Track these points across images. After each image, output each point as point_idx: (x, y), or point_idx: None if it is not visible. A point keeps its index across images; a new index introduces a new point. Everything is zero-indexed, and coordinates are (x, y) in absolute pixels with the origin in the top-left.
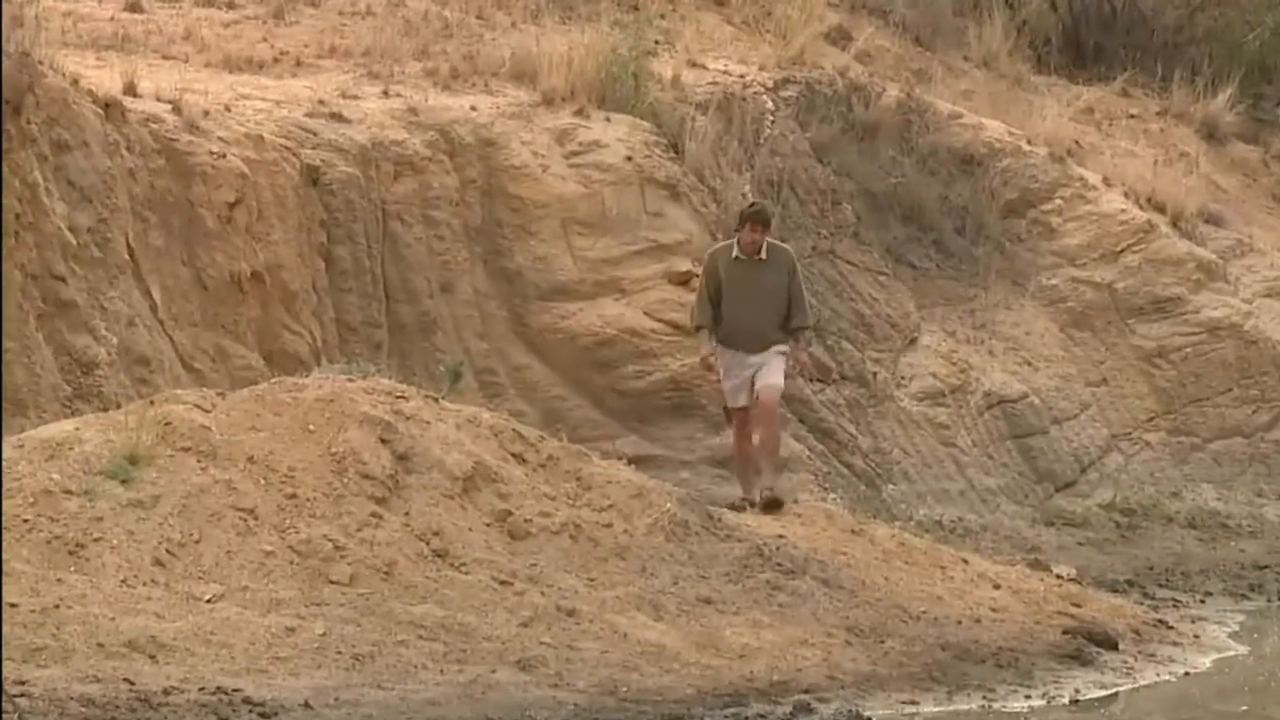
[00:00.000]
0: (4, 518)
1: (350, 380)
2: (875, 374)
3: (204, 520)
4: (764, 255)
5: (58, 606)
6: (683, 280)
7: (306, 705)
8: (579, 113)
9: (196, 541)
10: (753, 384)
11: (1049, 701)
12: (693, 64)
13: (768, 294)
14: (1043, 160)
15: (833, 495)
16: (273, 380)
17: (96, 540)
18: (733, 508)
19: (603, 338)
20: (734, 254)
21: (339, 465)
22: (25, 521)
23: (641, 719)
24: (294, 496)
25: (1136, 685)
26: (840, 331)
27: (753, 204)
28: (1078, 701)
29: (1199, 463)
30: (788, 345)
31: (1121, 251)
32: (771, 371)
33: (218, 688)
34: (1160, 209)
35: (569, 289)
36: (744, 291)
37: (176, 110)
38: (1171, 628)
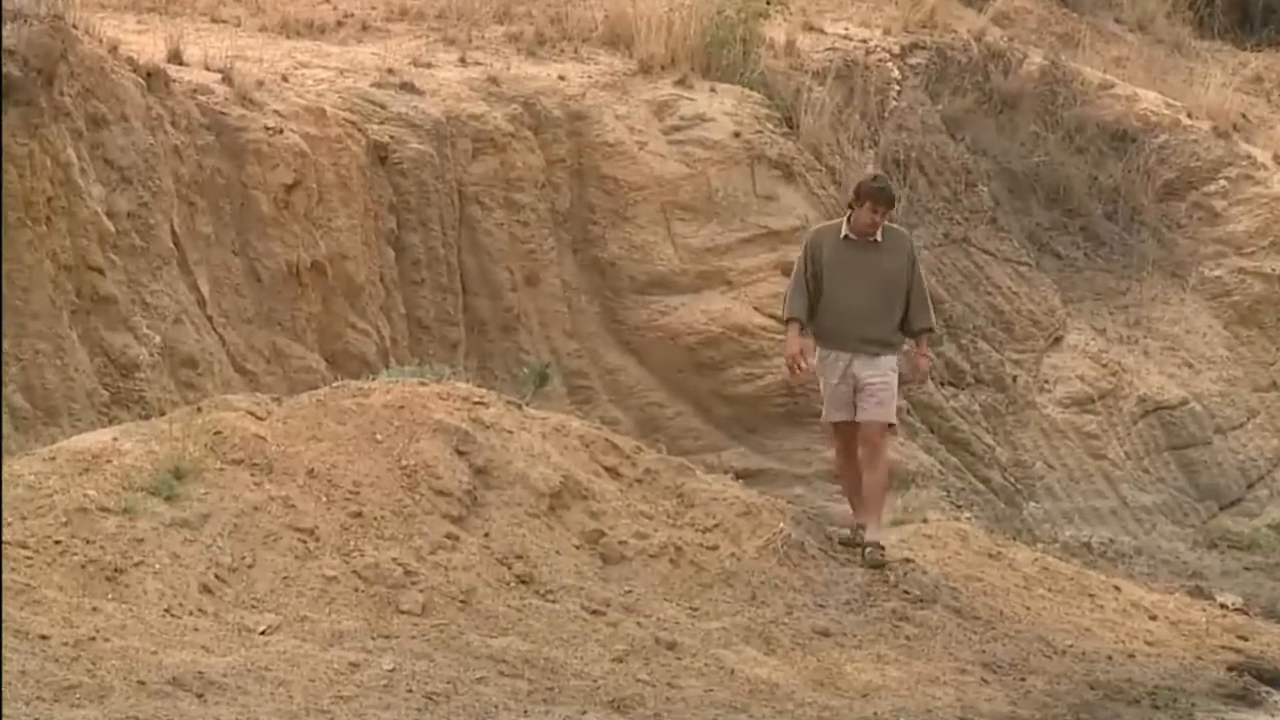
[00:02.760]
0: (35, 539)
1: (423, 384)
2: (1015, 377)
3: (258, 542)
4: (879, 237)
5: (94, 639)
6: None
7: None
8: (680, 82)
9: (249, 566)
10: (854, 400)
11: None
12: (809, 27)
13: (882, 283)
14: (1205, 136)
15: (967, 514)
16: (335, 384)
17: (137, 564)
18: (845, 543)
19: (707, 336)
20: (843, 233)
21: (410, 480)
22: (58, 543)
23: None
24: (359, 515)
25: None
26: (976, 330)
27: (876, 177)
28: None
29: None
30: (900, 354)
31: None
32: (879, 398)
33: None
34: None
35: (669, 281)
36: (852, 278)
37: (227, 80)
38: None
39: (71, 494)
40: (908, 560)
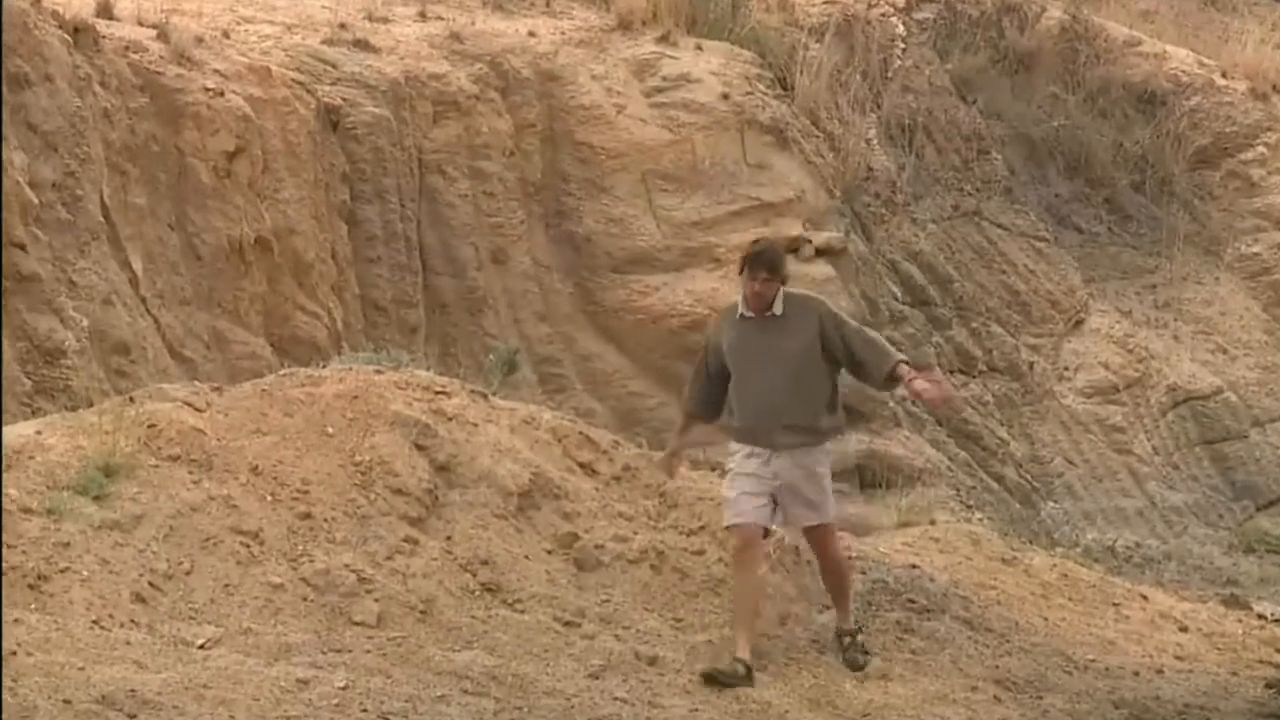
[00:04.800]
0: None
1: (378, 372)
2: (1032, 364)
3: (196, 546)
4: (777, 311)
5: (14, 653)
6: (792, 248)
7: None
8: (663, 39)
9: (187, 572)
10: (773, 506)
11: None
12: None
13: (790, 364)
14: (1241, 98)
15: (979, 514)
16: (282, 372)
17: (63, 571)
18: (710, 677)
19: (692, 319)
20: (739, 312)
21: (364, 478)
22: None
23: None
24: (308, 517)
25: None
26: (989, 312)
27: (756, 240)
28: None
29: None
30: (824, 449)
31: None
32: (814, 507)
33: None
34: None
35: (650, 258)
36: (755, 364)
37: (162, 37)
38: None
39: None
40: (913, 567)
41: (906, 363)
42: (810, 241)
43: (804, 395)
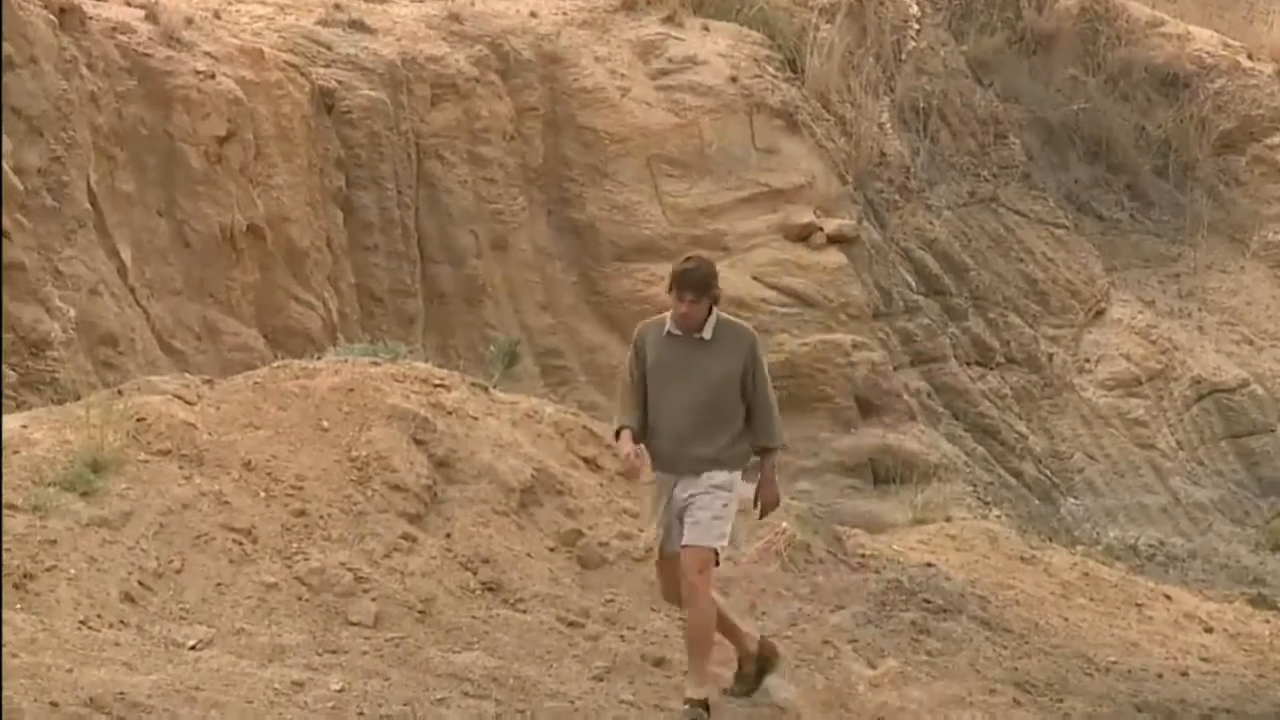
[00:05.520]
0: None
1: (375, 364)
2: (1051, 356)
3: (187, 544)
4: (706, 334)
5: None
6: (803, 236)
7: None
8: (669, 20)
9: (178, 571)
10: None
11: None
12: None
13: (707, 391)
14: (1268, 80)
15: (996, 511)
16: (275, 364)
17: (49, 569)
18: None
19: None
20: (666, 328)
21: (361, 474)
22: None
23: None
24: (303, 514)
25: None
26: (1006, 301)
27: (688, 258)
28: None
29: None
30: (729, 473)
31: None
32: (696, 518)
33: None
34: None
35: (656, 246)
36: (673, 384)
37: (151, 18)
38: None
39: None
40: (929, 565)
41: (774, 449)
42: (821, 229)
43: (715, 423)
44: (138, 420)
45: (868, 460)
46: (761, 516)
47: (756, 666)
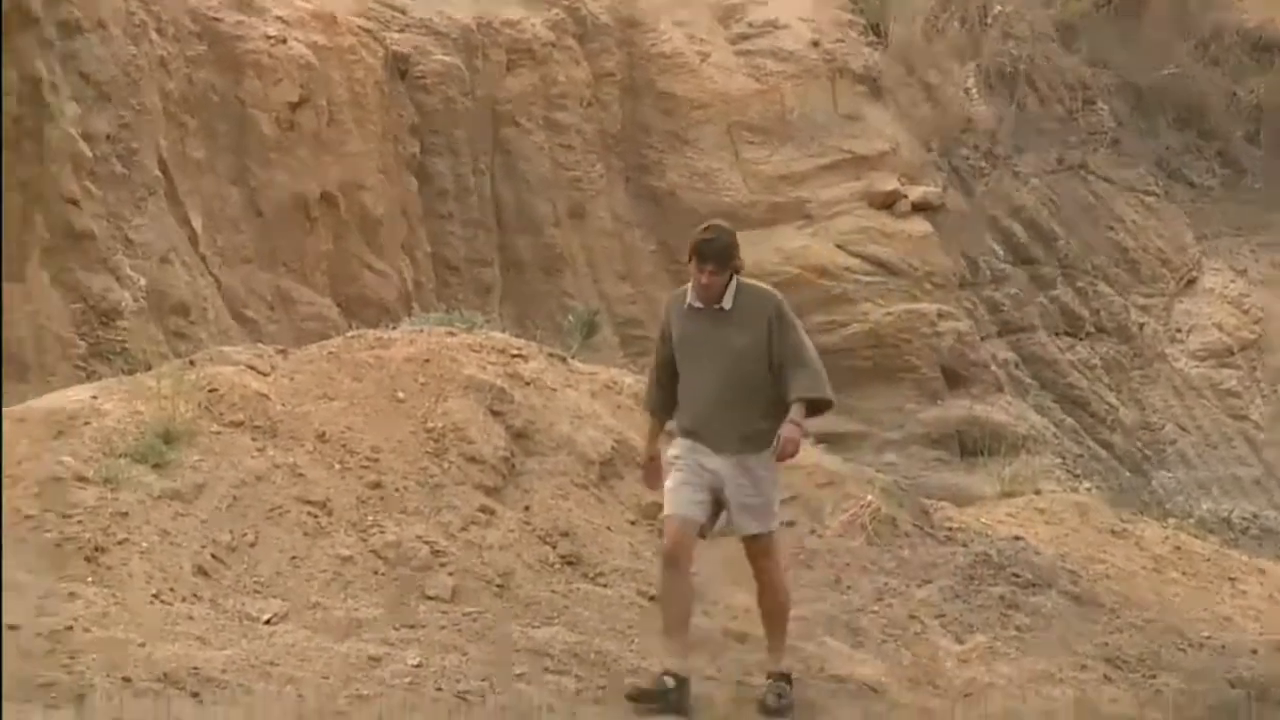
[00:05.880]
0: (2, 513)
1: (451, 334)
2: (1142, 326)
3: (261, 517)
4: (726, 304)
5: (70, 628)
6: (887, 203)
7: None
8: None
9: (251, 544)
10: (715, 505)
11: None
12: None
13: (732, 363)
14: None
15: (1087, 484)
16: (350, 334)
17: (121, 543)
18: (633, 696)
19: (782, 278)
20: (687, 300)
21: (437, 445)
22: (28, 518)
23: None
24: (378, 486)
25: None
26: (1095, 270)
27: (707, 226)
28: None
29: None
30: (770, 451)
31: None
32: (750, 507)
33: None
34: None
35: (737, 214)
36: (698, 358)
37: None
38: None
39: (44, 461)
40: (1018, 539)
41: (816, 401)
42: (906, 197)
43: (746, 396)
44: (210, 391)
45: (955, 432)
46: (779, 459)
47: (769, 684)
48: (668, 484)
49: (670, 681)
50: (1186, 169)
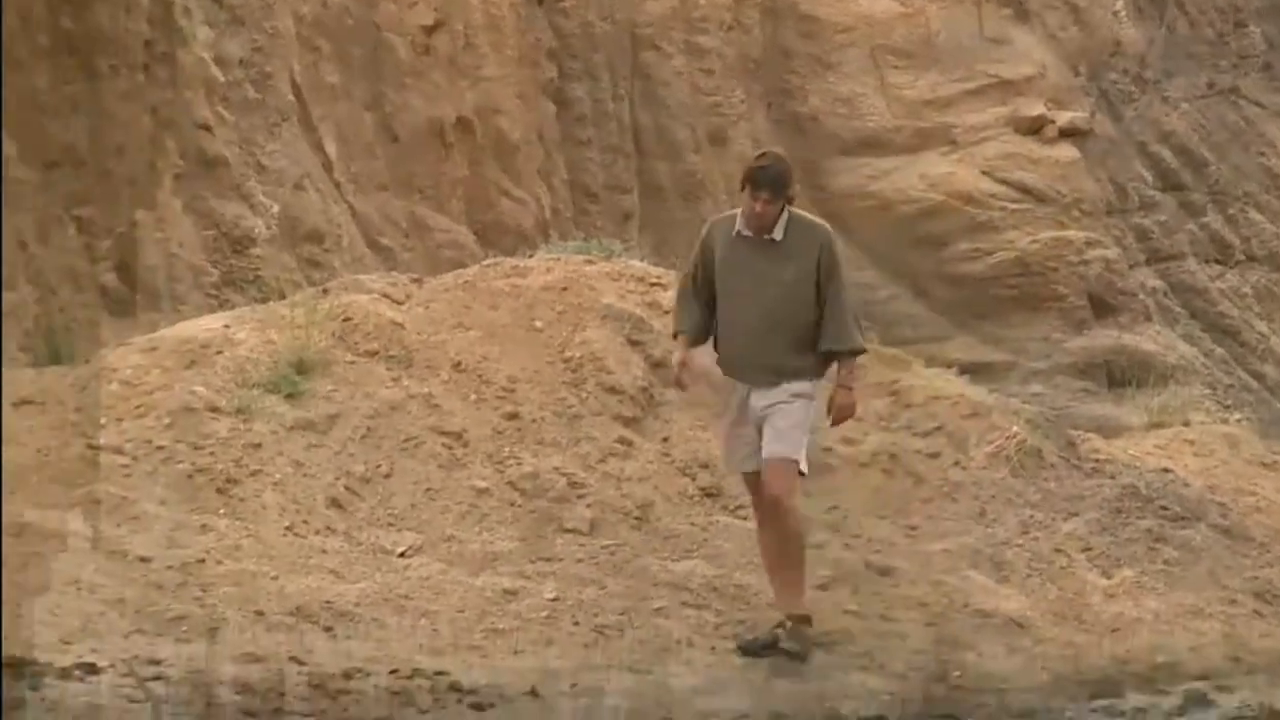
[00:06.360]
0: (133, 444)
1: (589, 262)
2: None
3: (395, 448)
4: (778, 235)
5: (203, 561)
6: (1033, 129)
7: (533, 693)
8: None
9: (386, 476)
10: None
11: None
12: None
13: (778, 295)
14: None
15: (1237, 415)
16: (486, 262)
17: (254, 474)
18: (750, 648)
19: (926, 205)
20: (735, 228)
21: (575, 375)
22: (160, 449)
23: (980, 713)
24: (515, 417)
25: None
26: (1246, 196)
27: (761, 156)
28: None
29: None
30: (810, 382)
31: None
32: (777, 430)
33: (415, 670)
34: None
35: (881, 140)
36: (742, 287)
37: None
38: None
39: (176, 391)
40: (1166, 471)
41: (851, 353)
42: (1053, 122)
43: (784, 329)
44: (344, 320)
45: (1102, 362)
46: (834, 424)
47: (788, 628)
48: (717, 435)
49: (779, 632)
50: None
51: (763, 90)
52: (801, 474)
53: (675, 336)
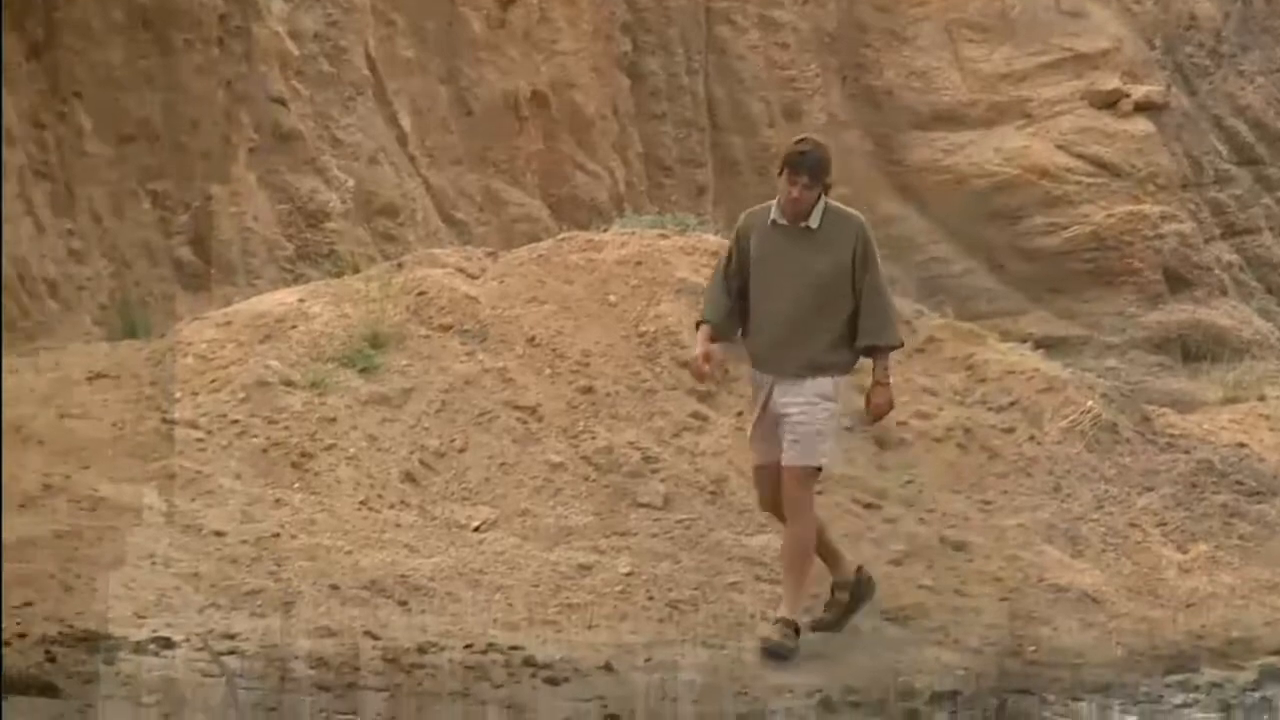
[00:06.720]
0: (208, 418)
1: (664, 236)
2: None
3: (470, 422)
4: (814, 223)
5: (277, 536)
6: (1109, 102)
7: (607, 668)
8: None
9: (460, 450)
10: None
11: None
12: None
13: (811, 285)
14: None
15: None
16: (560, 236)
17: (328, 448)
18: (768, 651)
19: (1001, 179)
20: (771, 217)
21: (649, 350)
22: (235, 423)
23: (1054, 688)
24: (589, 391)
25: None
26: None
27: (800, 141)
28: None
29: None
30: (835, 380)
31: None
32: (796, 435)
33: (489, 644)
34: None
35: (956, 114)
36: (775, 277)
37: None
38: None
39: (250, 365)
40: (1241, 446)
41: (888, 347)
42: (1128, 95)
43: (820, 322)
44: (418, 294)
45: (1177, 336)
46: (872, 422)
47: (851, 595)
48: (750, 428)
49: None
50: None
51: (838, 64)
52: (816, 471)
53: (698, 326)
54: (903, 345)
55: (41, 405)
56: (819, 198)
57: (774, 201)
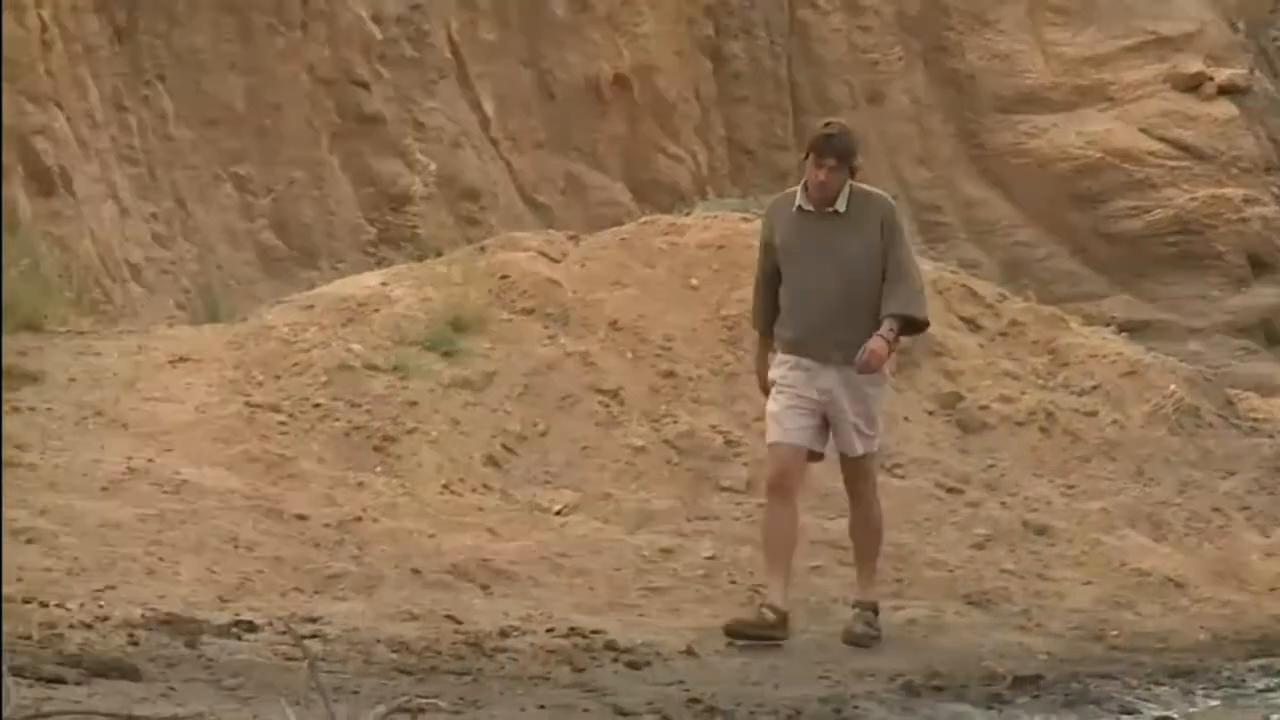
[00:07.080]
0: (291, 401)
1: (746, 219)
2: None
3: (552, 406)
4: (841, 207)
5: (359, 519)
6: (1192, 86)
7: (689, 652)
8: None
9: (542, 434)
10: (824, 430)
11: None
12: None
13: (845, 268)
14: None
15: None
16: (643, 219)
17: (410, 432)
18: (732, 630)
19: (1084, 162)
20: (795, 204)
21: (731, 333)
22: (317, 407)
23: (1137, 672)
24: (671, 375)
25: None
26: None
27: (828, 123)
28: None
29: None
30: (862, 354)
31: None
32: (859, 426)
33: (571, 629)
34: None
35: (1039, 97)
36: (808, 263)
37: None
38: None
39: (333, 349)
40: None
41: (906, 319)
42: (1212, 79)
43: (860, 305)
44: (501, 278)
45: (1260, 320)
46: (859, 371)
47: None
48: (771, 407)
49: (770, 615)
50: None
51: (921, 47)
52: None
53: (761, 339)
54: (928, 325)
55: (125, 389)
56: (845, 181)
57: (798, 188)
